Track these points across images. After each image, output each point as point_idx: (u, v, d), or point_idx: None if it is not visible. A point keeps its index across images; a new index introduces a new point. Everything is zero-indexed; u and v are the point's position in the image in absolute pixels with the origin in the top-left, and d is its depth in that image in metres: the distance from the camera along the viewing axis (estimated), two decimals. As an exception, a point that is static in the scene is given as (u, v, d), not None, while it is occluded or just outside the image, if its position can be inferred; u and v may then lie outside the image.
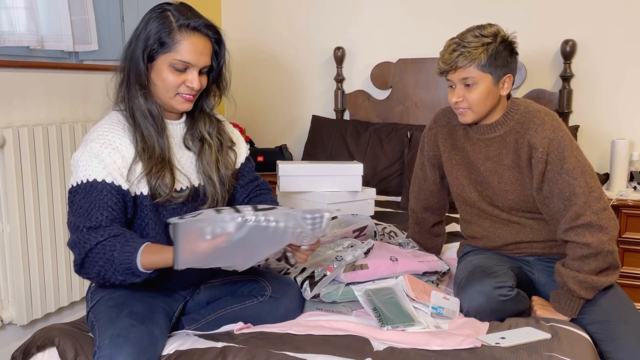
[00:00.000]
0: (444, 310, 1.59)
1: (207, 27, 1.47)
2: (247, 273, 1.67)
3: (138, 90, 1.46)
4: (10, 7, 2.16)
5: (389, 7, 3.26)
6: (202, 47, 1.46)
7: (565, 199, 1.60)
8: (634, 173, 2.74)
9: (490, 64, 1.63)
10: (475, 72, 1.64)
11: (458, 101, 1.68)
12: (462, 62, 1.63)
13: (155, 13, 1.46)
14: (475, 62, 1.62)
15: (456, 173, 1.84)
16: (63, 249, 2.31)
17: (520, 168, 1.70)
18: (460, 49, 1.63)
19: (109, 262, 1.34)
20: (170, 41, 1.43)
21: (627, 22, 2.82)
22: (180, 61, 1.44)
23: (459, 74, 1.65)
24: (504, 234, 1.80)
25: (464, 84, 1.66)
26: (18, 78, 2.24)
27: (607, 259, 1.57)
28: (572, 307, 1.61)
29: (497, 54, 1.63)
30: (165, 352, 1.38)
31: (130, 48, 1.47)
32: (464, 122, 1.73)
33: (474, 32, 1.65)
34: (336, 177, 2.43)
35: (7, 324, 2.21)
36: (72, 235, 1.39)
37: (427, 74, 3.14)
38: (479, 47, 1.62)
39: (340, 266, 1.71)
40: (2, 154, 2.10)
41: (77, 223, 1.38)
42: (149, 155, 1.45)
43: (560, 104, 2.89)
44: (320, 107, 3.49)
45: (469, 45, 1.62)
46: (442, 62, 1.67)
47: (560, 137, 1.63)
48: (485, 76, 1.65)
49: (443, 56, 1.68)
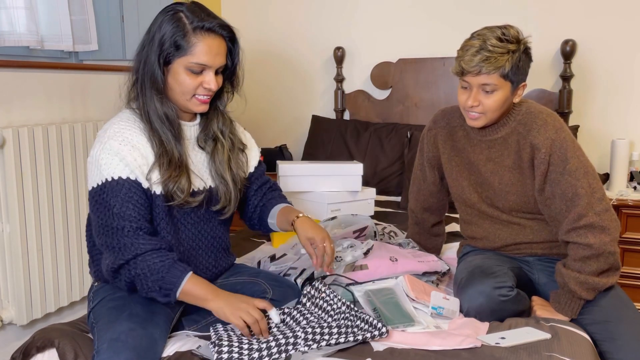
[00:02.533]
0: (444, 311, 1.58)
1: (221, 27, 1.46)
2: (248, 275, 1.67)
3: (155, 95, 1.45)
4: (10, 7, 2.16)
5: (389, 7, 3.26)
6: (217, 48, 1.45)
7: (567, 200, 1.60)
8: (634, 173, 2.74)
9: (513, 73, 1.59)
10: (497, 80, 1.58)
11: (474, 105, 1.63)
12: (487, 69, 1.56)
13: (167, 15, 1.44)
14: (499, 70, 1.57)
15: (456, 174, 1.84)
16: (63, 249, 2.31)
17: (522, 169, 1.70)
18: (484, 53, 1.56)
19: (150, 275, 1.36)
20: (186, 44, 1.41)
21: (627, 22, 2.82)
22: (197, 64, 1.43)
23: (481, 79, 1.59)
24: (503, 234, 1.80)
25: (484, 89, 1.61)
26: (18, 78, 2.24)
27: (609, 260, 1.57)
28: (572, 308, 1.61)
29: (520, 63, 1.59)
30: (166, 354, 1.37)
31: (144, 51, 1.45)
32: (474, 126, 1.70)
33: (496, 34, 1.58)
34: (336, 177, 2.43)
35: (7, 324, 2.21)
36: (112, 238, 1.38)
37: (427, 74, 3.14)
38: (505, 54, 1.56)
39: (340, 267, 1.71)
40: (2, 154, 2.10)
41: (114, 224, 1.37)
42: (168, 161, 1.44)
43: (560, 104, 2.89)
44: (320, 107, 3.49)
45: (494, 50, 1.56)
46: (464, 64, 1.59)
47: (563, 138, 1.62)
48: (506, 84, 1.60)
49: (464, 57, 1.59)
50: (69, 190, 2.33)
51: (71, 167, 2.33)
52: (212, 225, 1.60)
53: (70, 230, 2.35)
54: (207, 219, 1.57)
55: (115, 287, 1.49)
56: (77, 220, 2.37)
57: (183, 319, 1.56)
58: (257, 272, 1.70)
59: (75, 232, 2.36)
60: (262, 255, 2.05)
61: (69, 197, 2.33)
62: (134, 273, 1.37)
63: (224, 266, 1.66)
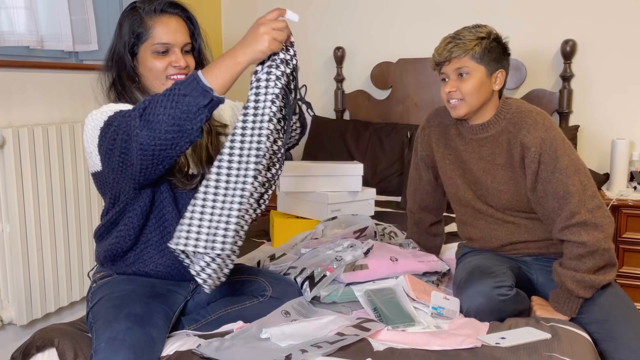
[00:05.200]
0: (444, 311, 1.59)
1: (171, 5, 1.51)
2: (248, 273, 1.67)
3: (132, 86, 1.50)
4: (10, 7, 2.16)
5: (389, 7, 3.26)
6: (175, 25, 1.49)
7: (559, 198, 1.61)
8: (634, 173, 2.74)
9: (484, 56, 1.67)
10: (469, 62, 1.67)
11: (451, 91, 1.70)
12: (456, 52, 1.66)
13: (125, 13, 1.52)
14: (469, 53, 1.66)
15: (450, 173, 1.84)
16: (63, 249, 2.31)
17: (514, 168, 1.70)
18: (455, 41, 1.68)
19: (170, 93, 1.25)
20: (144, 30, 1.47)
21: (627, 22, 2.82)
22: (160, 44, 1.47)
23: (453, 65, 1.68)
24: (499, 234, 1.80)
25: (458, 74, 1.69)
26: (18, 78, 2.24)
27: (604, 257, 1.57)
28: (571, 307, 1.61)
29: (490, 48, 1.68)
30: (165, 353, 1.38)
31: (115, 50, 1.51)
32: (456, 116, 1.74)
33: (468, 28, 1.70)
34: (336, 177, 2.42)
35: (7, 324, 2.21)
36: (125, 116, 1.30)
37: (427, 74, 3.14)
38: (474, 40, 1.67)
39: (340, 266, 1.71)
40: (2, 154, 2.10)
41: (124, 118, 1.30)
42: None
43: (560, 104, 2.89)
44: (320, 107, 3.49)
45: (464, 37, 1.67)
46: (436, 54, 1.71)
47: (553, 136, 1.64)
48: (479, 67, 1.68)
49: (437, 49, 1.71)
50: (69, 191, 2.33)
51: (71, 167, 2.33)
52: None
53: (70, 230, 2.35)
54: None
55: (114, 287, 1.49)
56: (77, 220, 2.37)
57: (183, 319, 1.56)
58: (257, 270, 1.71)
59: (75, 232, 2.36)
60: (262, 255, 2.05)
61: (69, 197, 2.33)
62: (158, 103, 1.25)
63: None
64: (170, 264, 1.52)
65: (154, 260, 1.51)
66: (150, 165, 1.31)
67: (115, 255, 1.51)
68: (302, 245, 1.98)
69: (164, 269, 1.52)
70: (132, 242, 1.49)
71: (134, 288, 1.47)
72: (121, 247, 1.50)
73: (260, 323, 1.48)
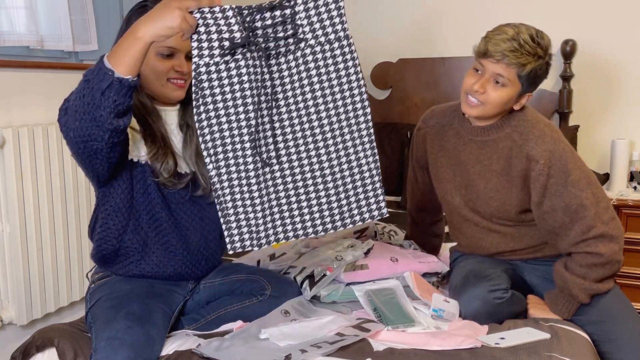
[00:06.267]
0: (444, 313, 1.58)
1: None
2: (247, 272, 1.67)
3: None
4: (10, 7, 2.16)
5: (389, 7, 3.26)
6: None
7: (572, 212, 1.56)
8: (634, 173, 2.74)
9: (528, 77, 1.56)
10: (512, 75, 1.55)
11: (479, 90, 1.58)
12: (509, 60, 1.52)
13: (134, 10, 1.50)
14: (519, 68, 1.54)
15: (441, 175, 1.80)
16: (63, 249, 2.31)
17: (510, 177, 1.65)
18: (514, 43, 1.52)
19: (84, 83, 1.21)
20: None
21: (627, 22, 2.82)
22: (165, 47, 1.47)
23: (499, 68, 1.55)
24: (485, 244, 1.77)
25: (495, 79, 1.57)
26: (18, 78, 2.24)
27: (614, 268, 1.56)
28: (569, 309, 1.61)
29: (539, 71, 1.57)
30: (165, 353, 1.38)
31: None
32: (467, 113, 1.65)
33: (531, 32, 1.55)
34: (336, 177, 2.42)
35: (7, 324, 2.21)
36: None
37: (427, 74, 3.14)
38: (531, 55, 1.53)
39: (340, 266, 1.71)
40: (2, 154, 2.10)
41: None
42: (152, 139, 1.48)
43: (560, 104, 2.88)
44: (320, 107, 3.48)
45: (524, 46, 1.52)
46: (490, 46, 1.54)
47: (562, 149, 1.58)
48: (517, 84, 1.57)
49: (493, 39, 1.55)
50: (69, 190, 2.33)
51: (71, 167, 2.33)
52: (201, 206, 1.59)
53: (70, 230, 2.35)
54: (194, 199, 1.58)
55: (112, 287, 1.49)
56: (77, 220, 2.37)
57: (182, 318, 1.56)
58: (256, 269, 1.70)
59: (75, 232, 2.36)
60: (262, 254, 2.05)
61: (69, 197, 2.33)
62: (75, 95, 1.23)
63: (214, 249, 1.63)
64: (168, 263, 1.52)
65: (152, 260, 1.51)
66: (87, 159, 1.31)
67: (104, 256, 1.51)
68: (302, 244, 1.98)
69: (161, 269, 1.52)
70: (113, 245, 1.49)
71: (133, 288, 1.47)
72: (104, 249, 1.50)
73: (259, 322, 1.48)
